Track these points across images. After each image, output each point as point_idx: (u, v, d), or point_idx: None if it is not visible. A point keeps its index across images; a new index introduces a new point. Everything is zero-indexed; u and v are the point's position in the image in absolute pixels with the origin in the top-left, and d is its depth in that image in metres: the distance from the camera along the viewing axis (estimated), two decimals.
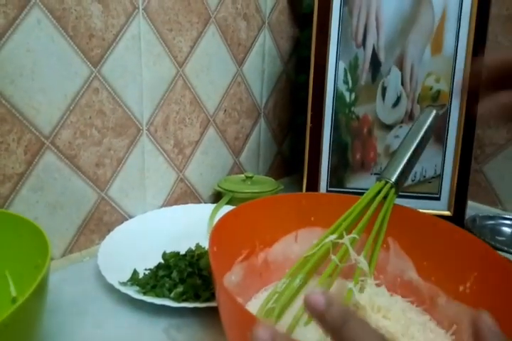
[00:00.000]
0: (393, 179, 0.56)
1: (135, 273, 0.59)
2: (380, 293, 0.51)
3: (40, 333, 0.43)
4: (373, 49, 0.78)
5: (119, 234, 0.70)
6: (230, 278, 0.49)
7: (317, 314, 0.26)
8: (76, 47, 0.62)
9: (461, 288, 0.49)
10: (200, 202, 0.89)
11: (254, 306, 0.51)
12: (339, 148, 0.80)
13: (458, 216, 0.78)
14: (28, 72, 0.58)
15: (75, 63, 0.63)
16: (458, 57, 0.76)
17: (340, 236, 0.49)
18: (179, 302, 0.54)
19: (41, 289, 0.39)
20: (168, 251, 0.63)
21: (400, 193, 0.79)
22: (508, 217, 0.84)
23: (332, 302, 0.26)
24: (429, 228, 0.55)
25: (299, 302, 0.42)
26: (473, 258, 0.50)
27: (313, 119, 0.80)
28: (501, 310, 0.41)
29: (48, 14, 0.58)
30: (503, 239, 0.78)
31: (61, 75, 0.62)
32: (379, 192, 0.55)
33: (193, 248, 0.64)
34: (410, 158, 0.57)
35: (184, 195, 0.85)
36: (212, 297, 0.54)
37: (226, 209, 0.78)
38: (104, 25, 0.65)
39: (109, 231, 0.71)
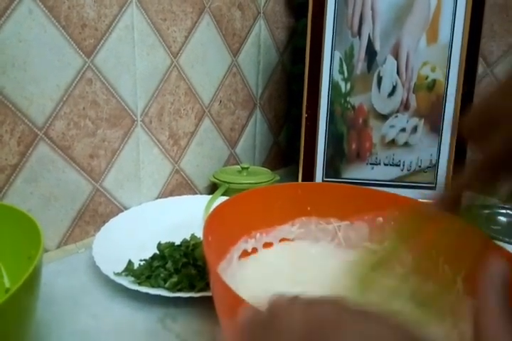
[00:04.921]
0: None
1: (130, 263, 0.58)
2: None
3: (33, 324, 0.43)
4: (369, 38, 0.77)
5: (115, 225, 0.70)
6: (225, 267, 0.49)
7: None
8: (69, 38, 0.62)
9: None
10: (195, 194, 0.88)
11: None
12: (335, 139, 0.80)
13: None
14: (21, 62, 0.58)
15: (68, 53, 0.62)
16: (453, 46, 0.76)
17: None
18: (174, 292, 0.54)
19: (33, 279, 0.39)
20: (163, 242, 0.62)
21: (396, 183, 0.80)
22: (504, 206, 0.84)
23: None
24: None
25: None
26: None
27: (308, 110, 0.79)
28: None
29: (40, 4, 0.58)
30: (499, 228, 0.78)
31: (54, 66, 0.61)
32: None
33: (188, 239, 0.63)
34: None
35: (180, 186, 0.85)
36: (207, 287, 0.54)
37: (221, 200, 0.77)
38: (97, 14, 0.64)
39: (104, 222, 0.71)
